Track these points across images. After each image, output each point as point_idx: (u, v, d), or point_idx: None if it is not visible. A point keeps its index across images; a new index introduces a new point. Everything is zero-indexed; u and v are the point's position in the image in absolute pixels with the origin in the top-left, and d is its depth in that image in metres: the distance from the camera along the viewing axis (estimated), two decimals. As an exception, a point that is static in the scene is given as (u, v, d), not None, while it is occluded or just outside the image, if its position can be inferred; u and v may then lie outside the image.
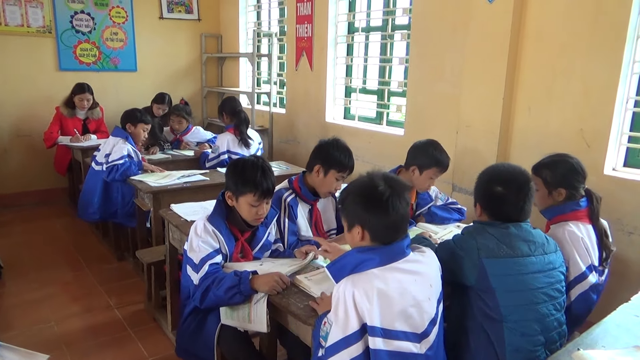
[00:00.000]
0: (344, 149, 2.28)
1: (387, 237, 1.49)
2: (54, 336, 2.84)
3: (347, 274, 1.47)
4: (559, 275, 1.72)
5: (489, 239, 1.67)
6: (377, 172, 1.58)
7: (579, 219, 1.99)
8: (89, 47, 5.29)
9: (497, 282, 1.62)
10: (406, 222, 1.52)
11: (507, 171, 1.78)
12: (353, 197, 1.53)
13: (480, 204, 1.80)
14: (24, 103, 5.06)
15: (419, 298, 1.45)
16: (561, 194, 2.01)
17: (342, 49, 4.49)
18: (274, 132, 5.33)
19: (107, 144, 3.73)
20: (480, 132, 3.13)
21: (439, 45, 3.44)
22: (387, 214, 1.46)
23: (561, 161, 2.05)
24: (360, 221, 1.50)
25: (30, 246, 4.17)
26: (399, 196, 1.47)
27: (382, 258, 1.46)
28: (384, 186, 1.48)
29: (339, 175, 2.26)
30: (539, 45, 2.86)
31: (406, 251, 1.51)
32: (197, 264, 1.89)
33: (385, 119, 4.20)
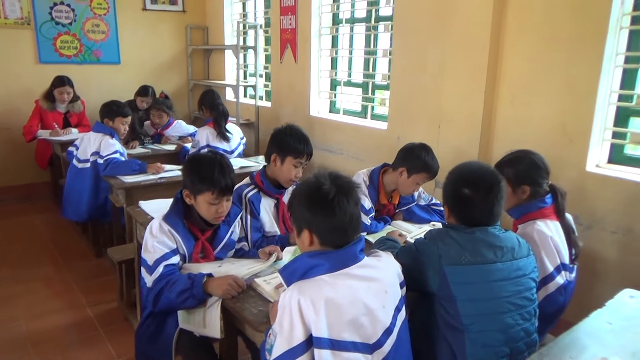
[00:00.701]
0: (299, 135, 2.19)
1: (336, 240, 1.39)
2: (20, 336, 2.77)
3: (297, 279, 1.39)
4: (528, 283, 1.61)
5: (451, 244, 1.58)
6: (324, 171, 1.49)
7: (546, 216, 1.90)
8: (70, 39, 5.18)
9: (458, 290, 1.53)
10: (356, 223, 1.42)
11: (476, 172, 1.67)
12: (299, 199, 1.44)
13: (447, 206, 1.70)
14: (3, 96, 4.95)
15: (372, 306, 1.36)
16: (525, 192, 1.93)
17: (326, 41, 4.39)
18: (260, 126, 5.23)
19: (89, 140, 3.61)
20: (462, 126, 3.04)
21: (421, 36, 3.34)
22: (333, 215, 1.36)
23: (523, 157, 1.97)
24: (307, 224, 1.41)
25: (8, 242, 4.09)
26: (345, 195, 1.38)
27: (332, 263, 1.37)
28: (329, 185, 1.39)
29: (296, 162, 2.17)
30: (521, 38, 2.76)
31: (359, 256, 1.42)
32: (150, 265, 1.81)
33: (370, 113, 4.10)
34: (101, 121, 3.68)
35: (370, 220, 2.36)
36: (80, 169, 3.64)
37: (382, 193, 2.47)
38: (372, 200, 2.41)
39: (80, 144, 3.68)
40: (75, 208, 3.69)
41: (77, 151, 3.67)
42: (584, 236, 2.50)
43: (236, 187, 2.25)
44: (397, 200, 2.54)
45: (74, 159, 3.69)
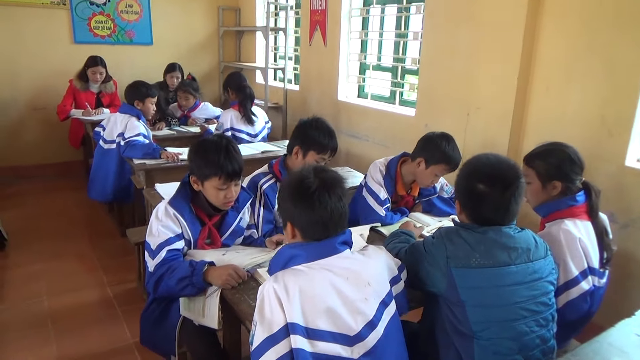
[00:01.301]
0: (325, 129, 2.10)
1: (316, 234, 1.35)
2: (42, 312, 2.84)
3: (279, 270, 1.35)
4: (545, 287, 1.48)
5: (460, 245, 1.46)
6: (312, 165, 1.47)
7: (577, 215, 1.74)
8: (104, 19, 5.23)
9: (466, 294, 1.41)
10: (338, 217, 1.35)
11: (493, 165, 1.51)
12: (283, 192, 1.42)
13: (459, 201, 1.57)
14: (39, 76, 5.07)
15: (352, 297, 1.30)
16: (556, 188, 1.77)
17: (356, 23, 4.24)
18: (288, 110, 5.16)
19: (115, 121, 3.61)
20: (492, 115, 2.87)
21: (453, 18, 3.16)
22: (313, 209, 1.32)
23: (555, 150, 1.80)
24: (289, 217, 1.38)
25: (40, 218, 4.21)
26: (328, 190, 1.33)
27: (310, 254, 1.33)
28: (312, 179, 1.35)
29: (319, 157, 2.09)
30: (559, 20, 2.56)
31: (339, 247, 1.36)
32: (154, 249, 1.78)
33: (399, 99, 3.96)
34: (129, 102, 3.67)
35: (386, 212, 2.25)
36: (106, 149, 3.66)
37: (399, 184, 2.35)
38: (389, 191, 2.30)
39: (106, 125, 3.70)
40: (101, 189, 3.74)
41: (104, 132, 3.70)
42: (619, 236, 2.32)
43: (253, 174, 2.20)
44: (417, 192, 2.42)
45: (101, 139, 3.72)
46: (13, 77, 4.96)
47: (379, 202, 2.23)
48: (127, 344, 2.59)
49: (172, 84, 4.89)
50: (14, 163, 5.13)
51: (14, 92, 5.01)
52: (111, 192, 3.71)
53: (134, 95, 3.67)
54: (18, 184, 5.01)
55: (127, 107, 3.66)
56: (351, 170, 3.20)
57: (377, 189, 2.28)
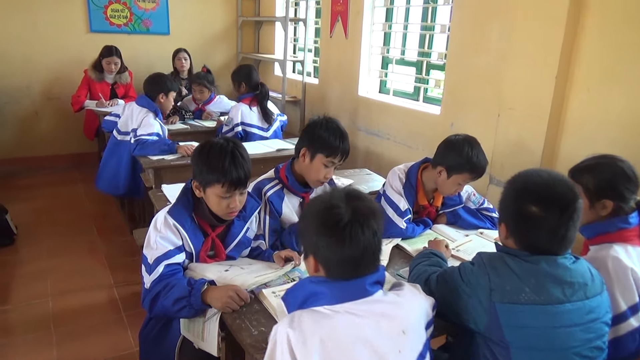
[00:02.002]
0: (336, 129, 1.88)
1: (343, 273, 1.14)
2: (45, 314, 2.74)
3: (297, 307, 1.16)
4: (601, 329, 1.28)
5: (506, 276, 1.26)
6: (344, 187, 1.24)
7: (628, 239, 1.52)
8: (120, 7, 5.11)
9: (512, 335, 1.22)
10: (371, 255, 1.15)
11: (547, 184, 1.29)
12: (307, 220, 1.21)
13: (506, 225, 1.35)
14: (55, 65, 4.99)
15: (383, 349, 1.09)
16: (606, 207, 1.55)
17: (380, 14, 4.02)
18: (306, 104, 4.97)
19: (131, 113, 3.40)
20: (526, 116, 2.63)
21: (484, 10, 2.92)
22: (342, 245, 1.11)
23: (608, 164, 1.58)
24: (313, 249, 1.18)
25: (50, 211, 4.14)
26: (361, 224, 1.12)
27: (335, 294, 1.13)
28: (343, 208, 1.14)
29: (327, 161, 1.88)
30: (602, 15, 2.30)
31: (369, 289, 1.15)
32: (151, 264, 1.62)
33: (423, 95, 3.73)
34: (151, 97, 3.38)
35: (407, 224, 2.05)
36: (119, 140, 3.49)
37: (421, 192, 2.15)
38: (410, 201, 2.10)
39: (122, 114, 3.51)
40: (111, 181, 3.58)
41: (119, 121, 3.52)
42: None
43: (258, 180, 2.03)
44: (440, 202, 2.21)
45: (115, 129, 3.56)
46: (28, 65, 4.88)
47: (399, 214, 2.04)
48: (130, 352, 2.47)
49: (180, 67, 4.79)
50: (27, 154, 5.08)
51: (29, 81, 4.94)
52: (122, 185, 3.54)
53: (158, 89, 3.39)
54: (31, 175, 4.95)
55: (146, 100, 3.38)
56: (370, 173, 3.00)
57: (396, 198, 2.08)
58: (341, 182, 2.66)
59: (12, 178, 4.85)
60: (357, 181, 2.76)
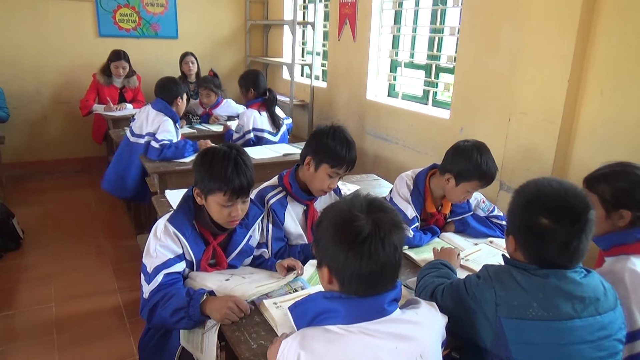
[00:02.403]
0: (343, 139, 1.83)
1: (359, 289, 1.07)
2: (49, 320, 2.72)
3: (307, 323, 1.11)
4: (614, 346, 1.21)
5: (513, 290, 1.20)
6: (365, 196, 1.15)
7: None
8: (129, 12, 5.11)
9: (519, 352, 1.17)
10: (391, 272, 1.09)
11: (559, 194, 1.23)
12: (324, 228, 1.12)
13: (514, 237, 1.29)
14: (64, 69, 5.00)
15: None
16: (623, 217, 1.48)
17: (388, 17, 3.97)
18: (314, 108, 4.93)
19: (146, 117, 3.33)
20: (538, 121, 2.56)
21: (495, 12, 2.86)
22: (360, 260, 1.04)
23: (625, 172, 1.50)
24: (328, 260, 1.10)
25: (58, 215, 4.13)
26: (382, 238, 1.05)
27: (350, 313, 1.07)
28: (364, 220, 1.06)
29: (332, 172, 1.83)
30: (619, 15, 2.23)
31: (387, 308, 1.09)
32: (150, 273, 1.59)
33: (432, 99, 3.67)
34: (169, 101, 3.35)
35: (414, 232, 2.00)
36: (132, 142, 3.40)
37: (429, 200, 2.09)
38: (417, 209, 2.04)
39: (137, 117, 3.44)
40: (117, 182, 3.51)
41: (133, 123, 3.44)
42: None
43: (261, 187, 1.99)
44: (449, 209, 2.15)
45: (129, 131, 3.48)
46: (38, 70, 4.90)
47: (406, 221, 1.98)
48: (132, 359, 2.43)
49: (188, 71, 4.81)
50: (36, 158, 5.10)
51: (39, 85, 4.96)
52: (129, 189, 3.50)
53: (175, 93, 3.38)
54: (40, 179, 4.97)
55: (163, 104, 3.34)
56: (378, 179, 2.95)
57: (403, 206, 2.03)
58: (347, 189, 2.61)
59: (21, 182, 4.87)
60: (364, 187, 2.70)
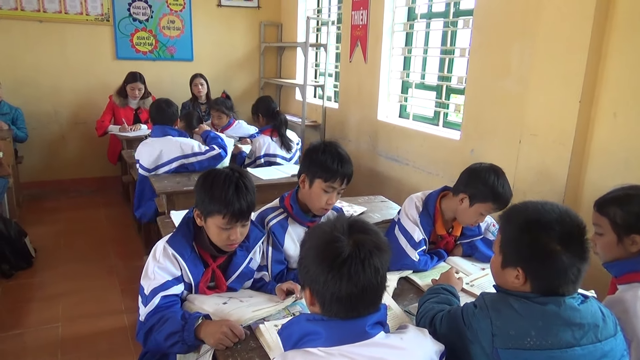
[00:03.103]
0: (334, 153, 1.81)
1: (339, 312, 1.06)
2: (55, 340, 2.71)
3: (291, 346, 1.09)
4: None
5: (510, 319, 1.15)
6: (348, 217, 1.14)
7: None
8: (146, 35, 5.23)
9: None
10: (372, 296, 1.06)
11: (563, 217, 1.18)
12: (306, 249, 1.12)
13: (522, 269, 1.20)
14: (82, 91, 5.12)
15: None
16: (636, 243, 1.42)
17: (399, 39, 3.97)
18: (326, 129, 4.93)
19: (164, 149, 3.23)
20: (549, 143, 2.51)
21: (505, 33, 2.83)
22: (339, 281, 1.02)
23: (638, 196, 1.45)
24: (309, 281, 1.09)
25: (71, 235, 4.17)
26: (363, 260, 1.03)
27: (331, 335, 1.05)
28: (345, 242, 1.05)
29: (326, 186, 1.80)
30: (632, 35, 2.19)
31: (369, 331, 1.06)
32: (147, 294, 1.57)
33: (443, 120, 3.64)
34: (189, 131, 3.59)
35: (420, 256, 1.95)
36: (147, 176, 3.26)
37: (439, 222, 2.04)
38: (426, 231, 1.99)
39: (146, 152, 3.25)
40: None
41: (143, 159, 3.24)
42: None
43: (262, 209, 1.97)
44: (459, 232, 2.10)
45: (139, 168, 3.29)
46: (56, 91, 5.03)
47: (412, 244, 1.93)
48: (135, 382, 2.40)
49: (197, 92, 4.90)
50: (54, 177, 5.20)
51: (57, 106, 5.08)
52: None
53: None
54: (57, 198, 5.05)
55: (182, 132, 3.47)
56: (385, 201, 2.91)
57: (410, 228, 1.98)
58: (354, 210, 2.58)
59: (38, 201, 4.95)
60: (371, 209, 2.67)
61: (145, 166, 3.23)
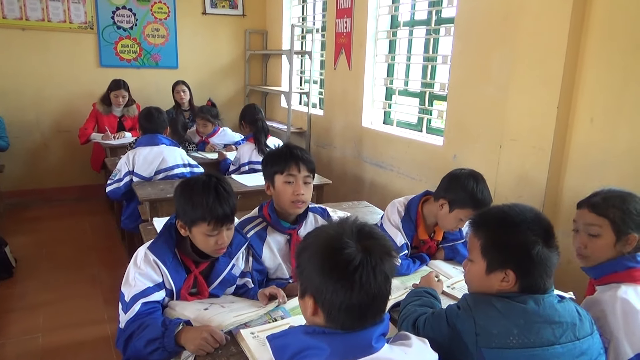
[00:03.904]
0: (283, 147, 1.91)
1: (347, 321, 1.00)
2: (35, 350, 2.67)
3: (287, 358, 1.03)
4: None
5: (493, 319, 1.17)
6: (354, 221, 1.08)
7: (638, 279, 1.42)
8: (130, 43, 5.21)
9: None
10: (381, 303, 1.02)
11: (541, 217, 1.26)
12: (311, 253, 1.04)
13: (513, 270, 1.22)
14: (66, 99, 5.07)
15: None
16: (630, 243, 1.45)
17: (382, 46, 4.01)
18: (311, 135, 4.95)
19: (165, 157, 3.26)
20: (529, 148, 2.55)
21: (485, 40, 2.88)
22: (351, 290, 0.97)
23: (630, 195, 1.49)
24: (314, 290, 1.02)
25: (53, 244, 4.11)
26: (374, 267, 0.98)
27: (335, 350, 0.98)
28: (354, 248, 0.99)
29: (285, 177, 1.83)
30: (607, 42, 2.24)
31: (375, 345, 1.00)
32: (127, 301, 1.56)
33: (426, 126, 3.68)
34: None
35: (402, 259, 1.96)
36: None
37: (421, 227, 2.06)
38: (408, 235, 2.01)
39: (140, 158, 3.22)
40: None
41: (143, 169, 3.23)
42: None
43: (242, 219, 1.97)
44: (441, 237, 2.12)
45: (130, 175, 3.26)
46: (39, 99, 4.98)
47: (395, 249, 1.94)
48: (117, 392, 2.38)
49: (180, 99, 4.89)
50: (36, 186, 5.13)
51: (39, 114, 5.03)
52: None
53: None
54: (38, 207, 4.98)
55: (168, 140, 3.42)
56: (369, 206, 2.92)
57: (393, 233, 2.00)
58: (337, 216, 2.59)
59: (20, 210, 4.88)
60: (355, 214, 2.67)
61: (144, 175, 3.24)
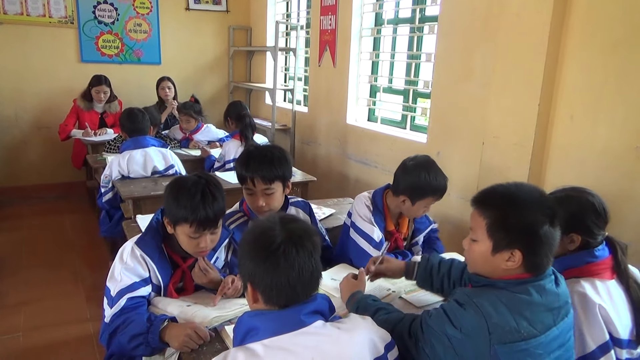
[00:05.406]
0: (250, 150, 1.95)
1: (281, 298, 1.11)
2: (15, 350, 2.63)
3: (237, 343, 1.11)
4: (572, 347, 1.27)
5: (502, 314, 1.15)
6: (280, 214, 1.24)
7: (596, 274, 1.44)
8: (112, 38, 5.14)
9: None
10: (309, 278, 1.12)
11: (541, 195, 1.28)
12: (242, 247, 1.18)
13: (521, 250, 1.20)
14: (45, 95, 4.98)
15: None
16: (574, 242, 1.46)
17: (367, 43, 4.03)
18: (296, 132, 4.95)
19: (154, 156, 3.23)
20: (510, 145, 2.59)
21: (468, 38, 2.91)
22: (277, 267, 1.08)
23: (578, 197, 1.50)
24: (249, 277, 1.14)
25: (34, 242, 4.05)
26: (295, 245, 1.10)
27: (268, 327, 1.08)
28: (277, 231, 1.12)
29: (244, 189, 1.91)
30: (587, 40, 2.28)
31: (304, 320, 1.10)
32: (113, 296, 1.55)
33: (410, 123, 3.70)
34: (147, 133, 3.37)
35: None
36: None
37: (388, 218, 2.09)
38: (380, 228, 2.03)
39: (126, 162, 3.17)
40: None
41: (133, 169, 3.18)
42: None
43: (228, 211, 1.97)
44: (406, 227, 2.15)
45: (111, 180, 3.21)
46: (18, 95, 4.88)
47: (374, 245, 1.96)
48: (100, 391, 2.35)
49: (164, 96, 4.81)
50: (15, 183, 5.03)
51: (18, 110, 4.93)
52: None
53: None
54: (17, 205, 4.88)
55: (157, 141, 3.39)
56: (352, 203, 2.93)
57: (369, 229, 2.01)
58: (322, 212, 2.60)
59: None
60: (340, 211, 2.69)
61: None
